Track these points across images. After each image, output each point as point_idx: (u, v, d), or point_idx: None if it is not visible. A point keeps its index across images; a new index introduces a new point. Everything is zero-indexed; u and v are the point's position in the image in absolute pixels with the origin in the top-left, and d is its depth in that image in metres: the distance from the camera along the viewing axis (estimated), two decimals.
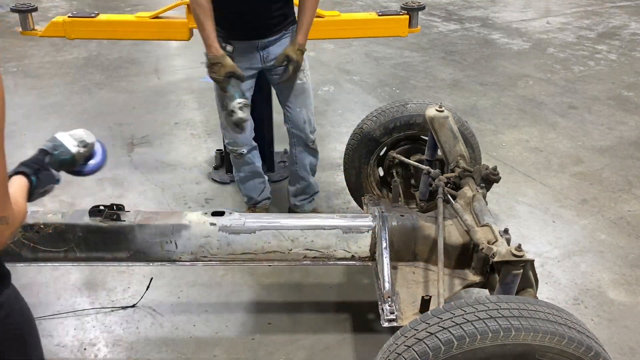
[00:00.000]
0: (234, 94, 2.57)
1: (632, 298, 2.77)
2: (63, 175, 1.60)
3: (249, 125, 2.92)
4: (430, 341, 1.51)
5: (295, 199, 3.32)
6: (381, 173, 3.14)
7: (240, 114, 2.57)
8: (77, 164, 1.58)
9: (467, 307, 1.56)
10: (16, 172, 1.39)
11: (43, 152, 1.49)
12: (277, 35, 2.78)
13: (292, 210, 3.37)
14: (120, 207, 2.18)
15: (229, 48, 2.67)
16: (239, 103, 2.56)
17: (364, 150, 2.93)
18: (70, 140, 1.52)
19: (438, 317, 1.56)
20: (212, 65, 2.56)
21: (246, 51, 2.75)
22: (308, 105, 2.98)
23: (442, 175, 2.48)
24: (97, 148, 1.63)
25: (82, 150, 1.55)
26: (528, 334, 1.49)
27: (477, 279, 2.10)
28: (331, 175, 3.83)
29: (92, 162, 1.64)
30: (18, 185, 1.34)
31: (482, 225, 2.09)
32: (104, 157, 1.65)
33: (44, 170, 1.44)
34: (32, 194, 1.40)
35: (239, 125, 2.63)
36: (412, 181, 3.03)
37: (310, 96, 2.98)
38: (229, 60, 2.57)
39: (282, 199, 3.57)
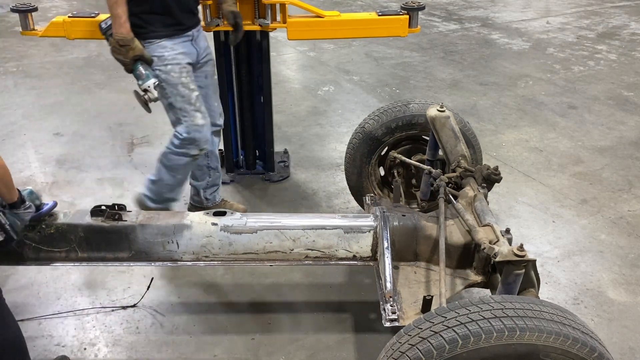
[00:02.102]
0: (147, 74, 2.51)
1: (632, 298, 2.77)
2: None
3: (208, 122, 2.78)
4: (434, 340, 1.51)
5: (206, 192, 3.17)
6: (382, 173, 3.14)
7: (155, 94, 2.53)
8: (38, 197, 2.11)
9: (471, 306, 1.56)
10: None
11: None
12: (199, 25, 2.78)
13: (200, 208, 3.13)
14: (122, 207, 2.18)
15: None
16: (154, 82, 2.52)
17: (366, 149, 2.93)
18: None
19: (442, 317, 1.56)
20: (120, 46, 2.45)
21: (184, 48, 2.66)
22: (218, 96, 3.08)
23: (443, 175, 2.48)
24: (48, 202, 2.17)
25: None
26: (533, 334, 1.49)
27: (478, 278, 2.10)
28: (331, 175, 3.83)
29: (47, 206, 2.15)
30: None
31: (484, 225, 2.09)
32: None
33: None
34: (24, 201, 1.92)
35: (147, 104, 2.58)
36: (413, 181, 3.03)
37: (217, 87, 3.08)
38: (138, 44, 2.48)
39: (282, 198, 3.57)
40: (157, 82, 2.53)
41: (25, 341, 1.95)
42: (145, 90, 2.52)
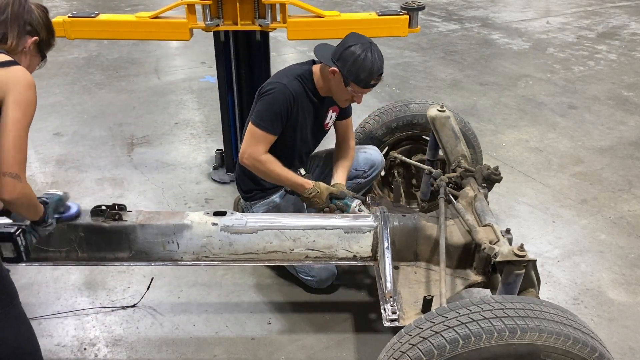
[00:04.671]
0: (344, 204, 2.50)
1: (632, 298, 2.77)
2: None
3: None
4: (435, 340, 1.51)
5: None
6: (382, 173, 3.14)
7: (365, 209, 2.51)
8: (64, 203, 2.09)
9: (472, 306, 1.56)
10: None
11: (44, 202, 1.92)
12: None
13: None
14: (122, 207, 2.18)
15: (303, 171, 2.63)
16: (357, 205, 2.50)
17: None
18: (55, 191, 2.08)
19: (443, 316, 1.56)
20: (311, 198, 2.50)
21: None
22: None
23: (443, 175, 2.48)
24: (72, 204, 2.14)
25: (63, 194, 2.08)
26: (534, 334, 1.48)
27: (479, 279, 2.10)
28: None
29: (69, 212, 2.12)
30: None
31: (484, 225, 2.09)
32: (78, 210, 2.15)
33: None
34: (47, 214, 1.87)
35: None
36: (414, 181, 3.04)
37: None
38: (322, 185, 2.52)
39: None
40: (359, 203, 2.51)
41: (41, 351, 1.88)
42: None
